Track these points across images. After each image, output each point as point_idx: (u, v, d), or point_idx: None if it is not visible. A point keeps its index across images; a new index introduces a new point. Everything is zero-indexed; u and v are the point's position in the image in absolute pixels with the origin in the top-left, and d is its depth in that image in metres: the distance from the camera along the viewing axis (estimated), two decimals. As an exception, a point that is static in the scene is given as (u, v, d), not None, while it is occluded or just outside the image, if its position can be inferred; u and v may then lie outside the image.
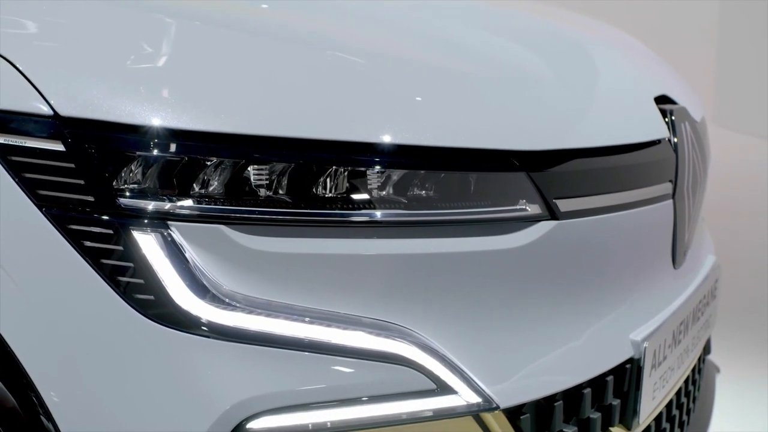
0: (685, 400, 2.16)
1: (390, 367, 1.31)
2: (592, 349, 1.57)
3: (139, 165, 1.26)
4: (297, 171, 1.30)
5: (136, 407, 1.25)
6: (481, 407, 1.36)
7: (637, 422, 1.69)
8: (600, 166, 1.61)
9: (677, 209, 1.87)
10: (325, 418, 1.28)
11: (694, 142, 1.97)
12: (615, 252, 1.67)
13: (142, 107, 1.27)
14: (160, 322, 1.25)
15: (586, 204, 1.55)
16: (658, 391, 1.77)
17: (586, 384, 1.57)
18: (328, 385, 1.29)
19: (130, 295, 1.25)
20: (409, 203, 1.35)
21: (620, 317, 1.67)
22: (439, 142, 1.37)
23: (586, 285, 1.59)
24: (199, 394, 1.24)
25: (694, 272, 2.09)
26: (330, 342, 1.29)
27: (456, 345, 1.37)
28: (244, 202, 1.29)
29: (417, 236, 1.37)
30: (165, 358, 1.25)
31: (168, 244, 1.26)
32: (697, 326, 2.04)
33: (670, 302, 1.86)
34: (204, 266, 1.27)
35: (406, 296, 1.35)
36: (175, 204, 1.27)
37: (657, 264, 1.85)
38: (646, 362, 1.67)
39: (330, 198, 1.31)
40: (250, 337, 1.27)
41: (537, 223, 1.46)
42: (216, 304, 1.26)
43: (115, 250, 1.25)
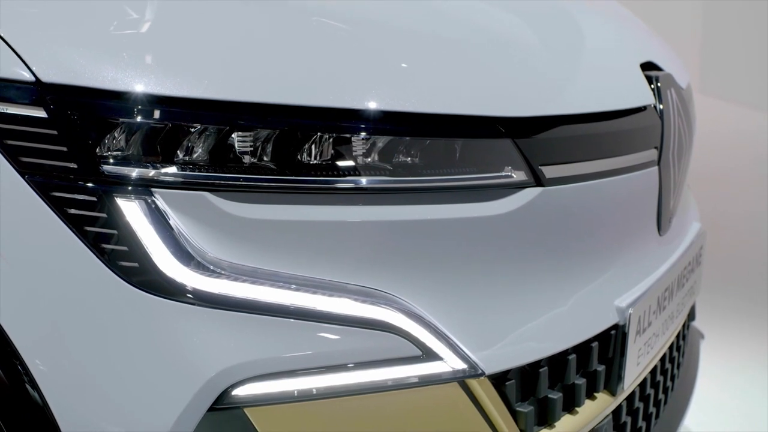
0: (669, 366, 2.17)
1: (375, 334, 1.31)
2: (577, 315, 1.58)
3: (123, 132, 1.25)
4: (281, 137, 1.29)
5: (121, 375, 1.25)
6: (467, 373, 1.36)
7: (622, 388, 1.69)
8: (585, 133, 1.61)
9: (662, 176, 1.87)
10: (310, 385, 1.28)
11: (679, 109, 1.97)
12: (600, 219, 1.67)
13: (125, 73, 1.26)
14: (145, 290, 1.24)
15: (571, 170, 1.55)
16: (643, 357, 1.78)
17: (571, 350, 1.57)
18: (314, 351, 1.28)
19: (114, 262, 1.24)
20: (394, 170, 1.35)
21: (605, 284, 1.67)
22: (424, 108, 1.37)
23: (571, 252, 1.60)
24: (184, 361, 1.24)
25: (679, 239, 2.09)
26: (315, 309, 1.29)
27: (441, 311, 1.37)
28: (228, 169, 1.28)
29: (402, 203, 1.37)
30: (150, 325, 1.25)
31: (152, 211, 1.25)
32: (681, 293, 2.05)
33: (655, 269, 1.87)
34: (188, 233, 1.27)
35: (391, 263, 1.35)
36: (159, 171, 1.26)
37: (642, 231, 1.86)
38: (631, 328, 1.67)
39: (315, 165, 1.31)
40: (235, 304, 1.26)
41: (522, 189, 1.45)
42: (201, 271, 1.26)
43: (98, 217, 1.24)
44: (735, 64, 10.67)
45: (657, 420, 2.10)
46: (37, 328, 1.26)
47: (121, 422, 1.24)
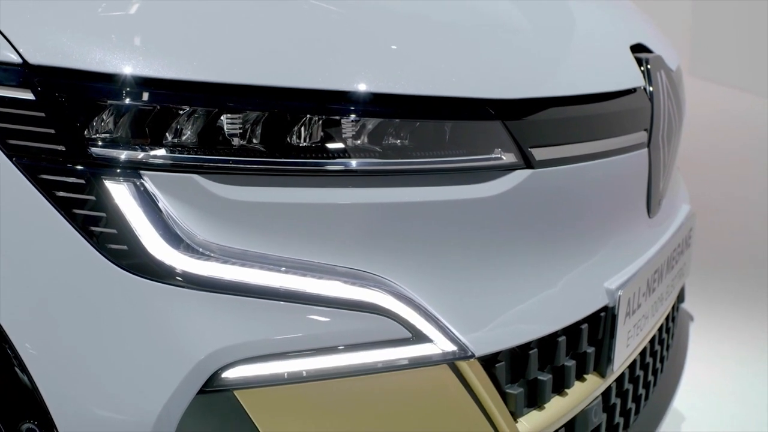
0: (658, 347, 2.18)
1: (365, 316, 1.31)
2: (566, 297, 1.58)
3: (111, 114, 1.25)
4: (271, 120, 1.29)
5: (110, 358, 1.25)
6: (457, 355, 1.36)
7: (611, 369, 1.70)
8: (575, 115, 1.61)
9: (652, 158, 1.87)
10: (300, 367, 1.28)
11: (669, 91, 1.97)
12: (590, 201, 1.68)
13: (113, 55, 1.25)
14: (134, 272, 1.24)
15: (561, 153, 1.55)
16: (632, 339, 1.78)
17: (561, 332, 1.58)
18: (303, 334, 1.28)
19: (103, 245, 1.24)
20: (384, 152, 1.34)
21: (595, 266, 1.68)
22: (414, 90, 1.37)
23: (561, 234, 1.60)
24: (174, 344, 1.24)
25: (669, 221, 2.10)
26: (305, 291, 1.29)
27: (431, 294, 1.37)
28: (217, 151, 1.28)
29: (392, 185, 1.36)
30: (139, 308, 1.24)
31: (141, 194, 1.25)
32: (671, 275, 2.05)
33: (644, 251, 1.87)
34: (177, 216, 1.26)
35: (381, 245, 1.35)
36: (147, 153, 1.26)
37: (632, 213, 1.86)
38: (621, 310, 1.68)
39: (304, 147, 1.30)
40: (224, 286, 1.26)
41: (512, 171, 1.45)
42: (190, 253, 1.26)
43: (87, 200, 1.24)
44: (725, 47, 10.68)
45: (646, 402, 2.11)
46: (27, 312, 1.26)
47: (111, 405, 1.24)
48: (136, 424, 1.23)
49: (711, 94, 9.50)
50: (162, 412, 1.23)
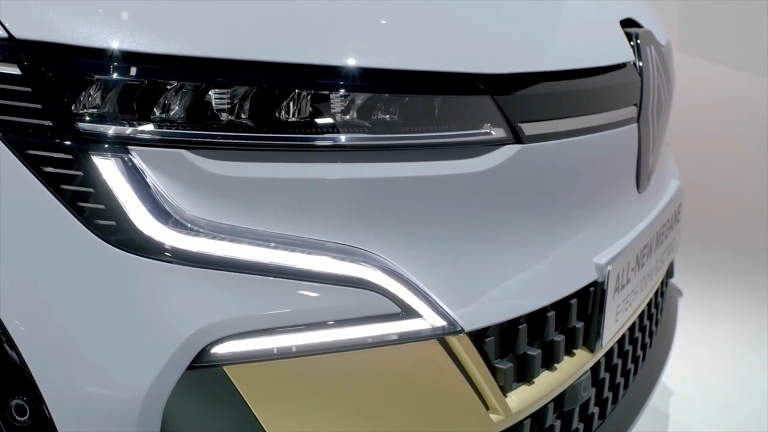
0: (647, 323, 2.19)
1: (355, 292, 1.31)
2: (555, 272, 1.58)
3: (98, 89, 1.24)
4: (259, 95, 1.28)
5: (99, 334, 1.24)
6: (446, 330, 1.37)
7: (600, 344, 1.70)
8: (565, 90, 1.60)
9: (642, 133, 1.87)
10: (289, 343, 1.27)
11: (659, 66, 1.97)
12: (579, 176, 1.68)
13: (100, 30, 1.24)
14: (122, 248, 1.24)
15: (551, 128, 1.55)
16: (621, 314, 1.79)
17: (550, 307, 1.58)
18: (293, 309, 1.28)
19: (91, 221, 1.23)
20: (373, 127, 1.34)
21: (584, 241, 1.68)
22: (403, 65, 1.36)
23: (550, 209, 1.60)
24: (163, 320, 1.24)
25: (658, 196, 2.10)
26: (294, 267, 1.29)
27: (420, 269, 1.37)
28: (206, 127, 1.27)
29: (381, 160, 1.36)
30: (128, 284, 1.24)
31: (129, 169, 1.24)
32: (660, 250, 2.06)
33: (633, 226, 1.88)
34: (166, 191, 1.26)
35: (370, 221, 1.35)
36: (135, 128, 1.25)
37: (621, 188, 1.86)
38: (610, 285, 1.68)
39: (293, 122, 1.30)
40: (213, 262, 1.26)
41: (502, 146, 1.45)
42: (178, 229, 1.25)
43: (74, 175, 1.23)
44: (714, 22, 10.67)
45: (635, 376, 2.12)
46: (15, 288, 1.25)
47: (100, 381, 1.24)
48: (125, 400, 1.23)
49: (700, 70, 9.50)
50: (151, 387, 1.22)
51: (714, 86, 9.15)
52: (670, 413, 2.95)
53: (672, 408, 2.99)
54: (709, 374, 3.27)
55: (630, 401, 2.05)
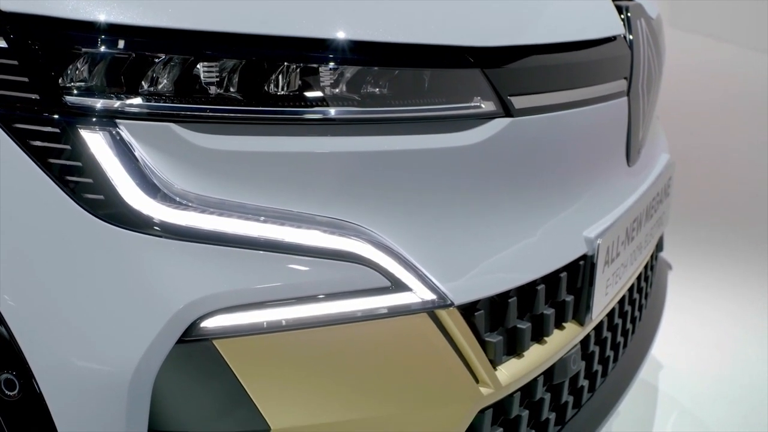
0: (637, 296, 2.19)
1: (345, 265, 1.31)
2: (545, 246, 1.58)
3: (86, 62, 1.23)
4: (248, 68, 1.28)
5: (88, 308, 1.24)
6: (436, 304, 1.37)
7: (590, 318, 1.71)
8: (555, 63, 1.60)
9: (632, 106, 1.87)
10: (279, 317, 1.27)
11: (649, 39, 1.97)
12: (569, 149, 1.67)
13: (87, 2, 1.23)
14: (111, 222, 1.23)
15: (540, 101, 1.54)
16: (611, 287, 1.79)
17: (540, 280, 1.58)
18: (283, 283, 1.28)
19: (79, 195, 1.23)
20: (362, 100, 1.33)
21: (574, 214, 1.68)
22: (393, 38, 1.35)
23: (540, 182, 1.60)
24: (152, 294, 1.23)
25: (648, 170, 2.10)
26: (284, 241, 1.28)
27: (410, 243, 1.37)
28: (194, 100, 1.26)
29: (371, 134, 1.36)
30: (116, 258, 1.24)
31: (117, 143, 1.24)
32: (650, 223, 2.06)
33: (623, 199, 1.87)
34: (154, 165, 1.25)
35: (360, 194, 1.35)
36: (123, 102, 1.24)
37: (611, 161, 1.86)
38: (600, 259, 1.68)
39: (282, 95, 1.29)
40: (203, 236, 1.25)
41: (491, 120, 1.45)
42: (167, 203, 1.25)
43: (62, 149, 1.23)
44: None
45: (625, 350, 2.12)
46: (3, 263, 1.25)
47: (89, 355, 1.24)
48: (114, 374, 1.23)
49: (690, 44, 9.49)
50: (141, 361, 1.22)
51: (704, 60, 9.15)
52: (659, 386, 2.97)
53: (661, 381, 3.00)
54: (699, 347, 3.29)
55: (619, 374, 2.06)
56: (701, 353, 3.24)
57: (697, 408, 2.86)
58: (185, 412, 1.27)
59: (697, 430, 2.73)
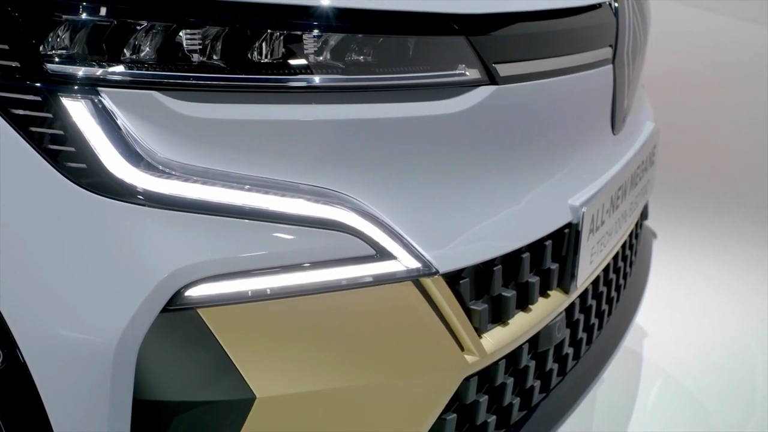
0: (622, 264, 2.20)
1: (329, 234, 1.31)
2: (530, 214, 1.58)
3: (67, 29, 1.22)
4: (231, 35, 1.27)
5: (72, 278, 1.23)
6: (421, 272, 1.37)
7: (575, 285, 1.71)
8: (540, 30, 1.59)
9: (617, 74, 1.86)
10: (264, 285, 1.27)
11: (634, 7, 1.96)
12: (554, 117, 1.67)
13: (68, -32, 1.22)
14: (94, 191, 1.22)
15: (526, 69, 1.54)
16: (596, 255, 1.79)
17: (525, 248, 1.58)
18: (267, 252, 1.28)
19: (61, 163, 1.22)
20: (347, 68, 1.33)
21: (559, 182, 1.68)
22: (377, 5, 1.35)
23: (525, 150, 1.59)
24: (136, 263, 1.23)
25: (633, 138, 2.10)
26: (269, 209, 1.28)
27: (395, 211, 1.37)
28: (177, 68, 1.25)
29: (355, 102, 1.35)
30: (100, 227, 1.23)
31: (99, 111, 1.23)
32: (634, 192, 2.06)
33: (608, 168, 1.87)
34: (137, 133, 1.24)
35: (344, 162, 1.34)
36: (105, 70, 1.23)
37: (596, 129, 1.86)
38: (584, 227, 1.69)
39: (266, 63, 1.28)
40: (187, 204, 1.25)
41: (476, 88, 1.44)
42: (151, 171, 1.24)
43: (44, 117, 1.22)
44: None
45: (609, 317, 2.13)
46: (-15, 232, 1.24)
47: (73, 325, 1.23)
48: (99, 343, 1.22)
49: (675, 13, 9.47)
50: (125, 330, 1.22)
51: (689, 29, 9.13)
52: (643, 354, 2.99)
53: (645, 349, 3.02)
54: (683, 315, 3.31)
55: (604, 342, 2.07)
56: (686, 321, 3.26)
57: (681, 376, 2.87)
58: (170, 381, 1.26)
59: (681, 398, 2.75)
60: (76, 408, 1.26)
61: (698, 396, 2.75)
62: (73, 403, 1.26)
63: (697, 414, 2.66)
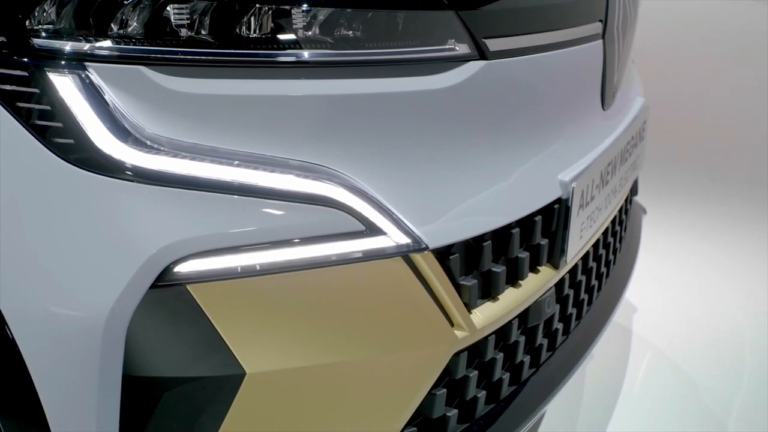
0: (611, 239, 2.20)
1: (318, 209, 1.30)
2: (520, 189, 1.58)
3: (53, 4, 1.21)
4: (219, 10, 1.26)
5: (60, 254, 1.23)
6: (411, 248, 1.36)
7: (565, 261, 1.71)
8: (530, 5, 1.59)
9: (607, 50, 1.86)
10: (253, 261, 1.27)
11: (624, -19, 1.95)
12: (544, 93, 1.67)
13: (54, -58, 1.21)
14: (82, 167, 1.22)
15: (515, 43, 1.54)
16: (586, 230, 1.79)
17: (515, 224, 1.58)
18: (256, 227, 1.27)
19: (49, 139, 1.21)
20: (336, 43, 1.32)
21: (549, 158, 1.68)
22: (366, -21, 1.34)
23: (515, 126, 1.59)
24: (125, 239, 1.22)
25: (623, 113, 2.10)
26: (257, 185, 1.27)
27: (385, 186, 1.36)
28: (164, 43, 1.25)
29: (344, 77, 1.34)
30: (88, 203, 1.22)
31: (86, 87, 1.22)
32: (624, 167, 2.06)
33: (598, 143, 1.87)
34: (125, 109, 1.24)
35: (334, 138, 1.34)
36: (92, 45, 1.23)
37: (586, 105, 1.85)
38: (574, 202, 1.68)
39: (254, 38, 1.28)
40: (175, 180, 1.24)
41: (466, 63, 1.44)
42: (139, 147, 1.23)
43: (31, 93, 1.21)
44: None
45: (599, 293, 2.13)
46: (-27, 208, 1.24)
47: (62, 301, 1.23)
48: (88, 319, 1.22)
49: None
50: (114, 306, 1.22)
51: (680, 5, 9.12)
52: (633, 329, 3.00)
53: (635, 324, 3.03)
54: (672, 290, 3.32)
55: (594, 317, 2.07)
56: (675, 296, 3.27)
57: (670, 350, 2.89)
58: (160, 357, 1.26)
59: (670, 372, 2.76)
60: (65, 384, 1.25)
61: (687, 370, 2.77)
62: (62, 379, 1.25)
63: (686, 388, 2.67)
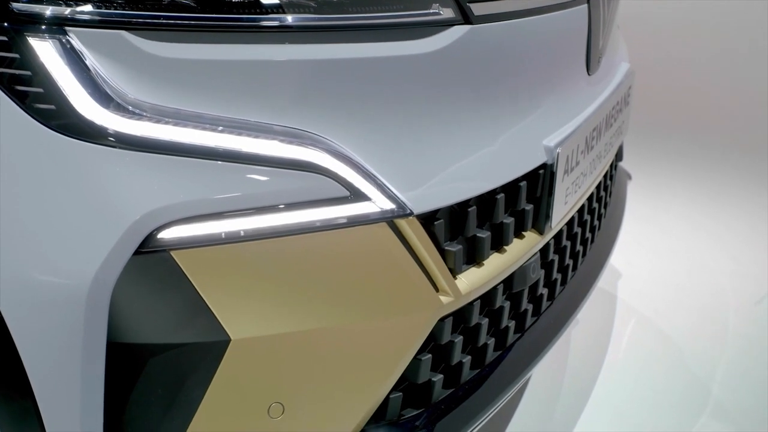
0: (596, 205, 2.20)
1: (302, 175, 1.30)
2: (505, 155, 1.57)
3: (32, -33, 1.20)
4: (201, -27, 1.25)
5: (42, 221, 1.22)
6: (395, 213, 1.36)
7: (550, 226, 1.71)
8: (515, -31, 1.58)
9: (592, 15, 1.85)
10: (237, 227, 1.26)
11: (610, -54, 1.94)
12: (529, 58, 1.66)
13: None
14: (64, 133, 1.21)
15: (500, 8, 1.53)
16: (571, 196, 1.79)
17: (500, 189, 1.58)
18: (240, 193, 1.27)
19: (30, 105, 1.20)
20: (319, 7, 1.31)
21: (533, 123, 1.67)
22: (349, -58, 1.33)
23: (499, 91, 1.59)
24: (107, 206, 1.22)
25: (608, 79, 2.10)
26: (241, 150, 1.27)
27: (369, 152, 1.36)
28: (146, 7, 1.23)
29: (328, 41, 1.33)
30: (70, 169, 1.21)
31: (67, 52, 1.21)
32: (609, 133, 2.06)
33: (583, 108, 1.87)
34: (107, 74, 1.22)
35: (317, 103, 1.33)
36: (73, 9, 1.21)
37: (571, 70, 1.85)
38: (559, 168, 1.68)
39: (238, 2, 1.26)
40: (158, 146, 1.23)
41: (450, 27, 1.43)
42: (121, 113, 1.22)
43: (11, 58, 1.19)
44: None
45: (584, 259, 2.14)
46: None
47: (45, 269, 1.22)
48: (71, 286, 1.22)
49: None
50: (97, 274, 1.21)
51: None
52: (618, 295, 3.01)
53: (620, 289, 3.04)
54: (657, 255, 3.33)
55: (578, 283, 2.08)
56: (660, 262, 3.28)
57: (655, 316, 2.90)
58: (144, 323, 1.26)
59: (655, 338, 2.78)
60: (49, 352, 1.25)
61: (672, 336, 2.78)
62: (46, 346, 1.25)
63: (671, 353, 2.69)
